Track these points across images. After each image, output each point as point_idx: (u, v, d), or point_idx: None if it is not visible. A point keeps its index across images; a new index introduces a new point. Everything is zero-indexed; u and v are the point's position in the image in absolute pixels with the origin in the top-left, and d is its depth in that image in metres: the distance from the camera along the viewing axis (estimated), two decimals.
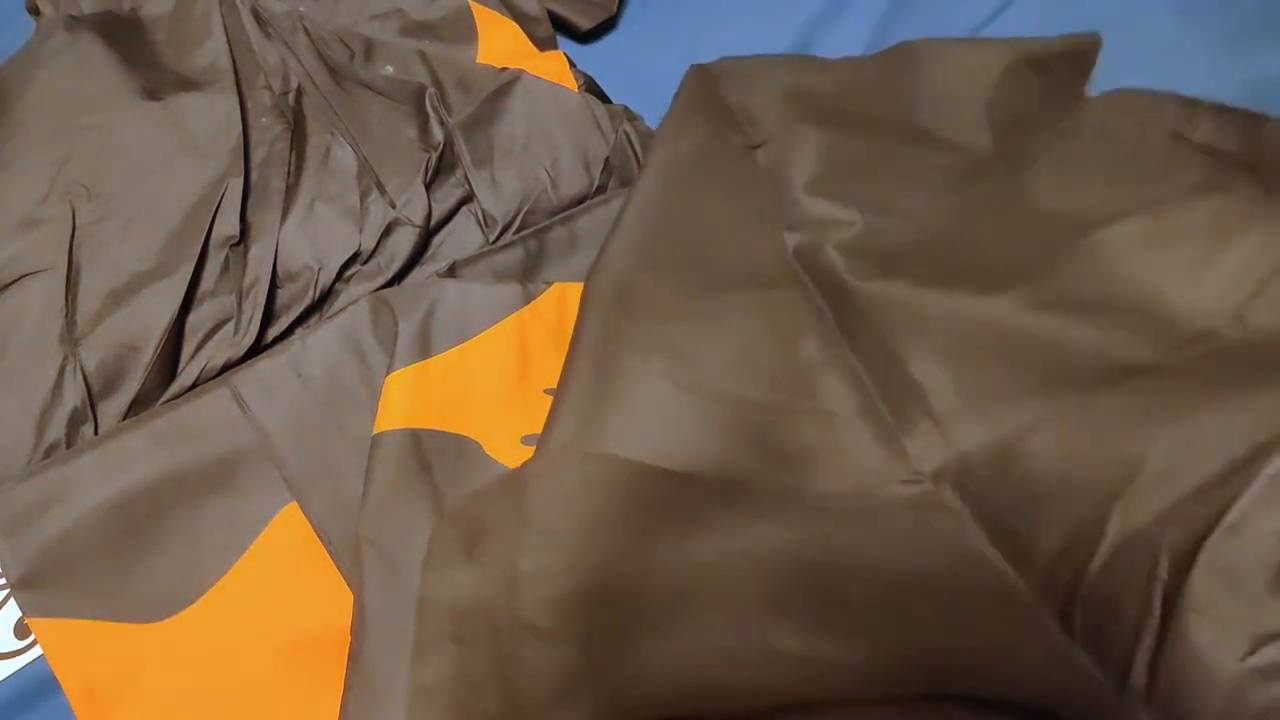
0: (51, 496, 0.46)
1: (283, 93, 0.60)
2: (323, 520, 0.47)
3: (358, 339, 0.51)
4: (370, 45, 0.64)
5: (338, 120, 0.60)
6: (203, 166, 0.56)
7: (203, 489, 0.47)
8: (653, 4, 0.71)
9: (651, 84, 0.66)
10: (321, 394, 0.50)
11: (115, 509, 0.46)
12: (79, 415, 0.49)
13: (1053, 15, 0.67)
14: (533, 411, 0.49)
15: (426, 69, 0.63)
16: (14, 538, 0.45)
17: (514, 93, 0.61)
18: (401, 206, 0.56)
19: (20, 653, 0.45)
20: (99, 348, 0.50)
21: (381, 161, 0.58)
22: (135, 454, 0.47)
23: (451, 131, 0.59)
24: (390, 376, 0.48)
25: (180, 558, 0.45)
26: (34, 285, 0.52)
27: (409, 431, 0.47)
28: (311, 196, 0.56)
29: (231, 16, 0.63)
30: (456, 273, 0.54)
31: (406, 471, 0.46)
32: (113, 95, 0.58)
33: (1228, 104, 0.47)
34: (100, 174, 0.55)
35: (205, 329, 0.52)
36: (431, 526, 0.44)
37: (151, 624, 0.44)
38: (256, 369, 0.50)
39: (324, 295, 0.54)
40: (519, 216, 0.57)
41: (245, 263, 0.53)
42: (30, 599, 0.44)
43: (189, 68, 0.61)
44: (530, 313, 0.52)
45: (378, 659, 0.41)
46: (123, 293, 0.52)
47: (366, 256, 0.55)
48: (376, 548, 0.44)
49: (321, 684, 0.42)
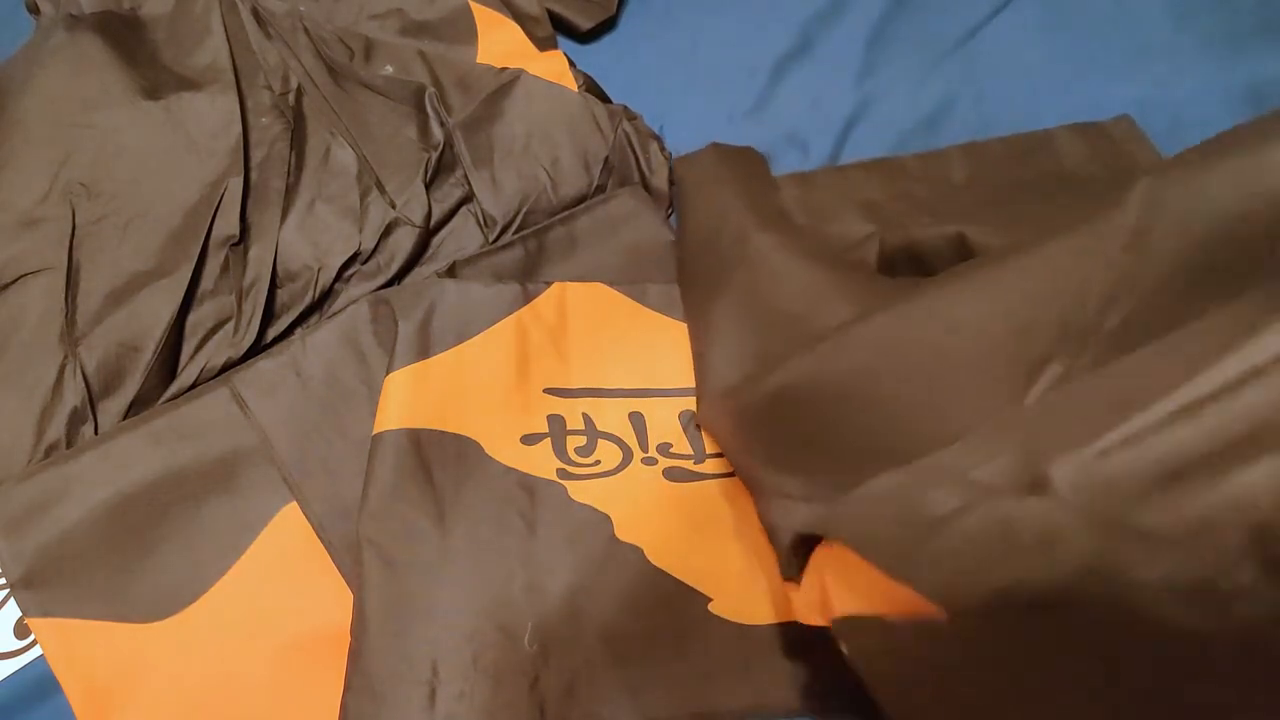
0: (51, 496, 0.46)
1: (283, 93, 0.60)
2: (323, 520, 0.47)
3: (357, 339, 0.51)
4: (370, 45, 0.64)
5: (338, 120, 0.60)
6: (202, 166, 0.56)
7: (203, 489, 0.47)
8: (653, 4, 0.71)
9: (651, 84, 0.66)
10: (321, 394, 0.50)
11: (115, 509, 0.46)
12: (79, 415, 0.49)
13: (1052, 15, 0.67)
14: (533, 411, 0.49)
15: (426, 69, 0.63)
16: (14, 538, 0.45)
17: (514, 93, 0.61)
18: (401, 206, 0.56)
19: (20, 653, 0.45)
20: (99, 348, 0.50)
21: (381, 161, 0.58)
22: (135, 454, 0.47)
23: (451, 131, 0.59)
24: (390, 376, 0.48)
25: (180, 558, 0.45)
26: (34, 285, 0.52)
27: (409, 431, 0.47)
28: (311, 196, 0.56)
29: (231, 16, 0.63)
30: (456, 273, 0.54)
31: (406, 471, 0.46)
32: (112, 95, 0.58)
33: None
34: (100, 174, 0.55)
35: (205, 329, 0.52)
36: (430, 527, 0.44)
37: (151, 624, 0.44)
38: (256, 369, 0.50)
39: (324, 295, 0.54)
40: (519, 216, 0.57)
41: (245, 263, 0.53)
42: (30, 599, 0.44)
43: (189, 67, 0.61)
44: (530, 313, 0.52)
45: (378, 659, 0.41)
46: (123, 293, 0.52)
47: (366, 256, 0.55)
48: (376, 548, 0.44)
49: (321, 684, 0.42)
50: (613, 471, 0.48)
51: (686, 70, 0.68)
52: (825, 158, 0.63)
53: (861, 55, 0.67)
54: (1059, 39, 0.66)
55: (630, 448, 0.49)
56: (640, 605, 0.44)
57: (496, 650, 0.42)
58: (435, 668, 0.41)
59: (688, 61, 0.68)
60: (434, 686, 0.41)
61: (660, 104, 0.65)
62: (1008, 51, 0.66)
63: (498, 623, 0.43)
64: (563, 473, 0.48)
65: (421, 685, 0.41)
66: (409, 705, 0.41)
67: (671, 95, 0.66)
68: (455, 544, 0.45)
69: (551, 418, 0.49)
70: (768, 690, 0.42)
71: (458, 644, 0.42)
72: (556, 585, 0.44)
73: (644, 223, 0.58)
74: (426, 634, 0.42)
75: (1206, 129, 0.61)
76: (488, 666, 0.42)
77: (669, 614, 0.44)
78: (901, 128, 0.63)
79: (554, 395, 0.50)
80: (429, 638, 0.42)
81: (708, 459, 0.49)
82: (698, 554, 0.45)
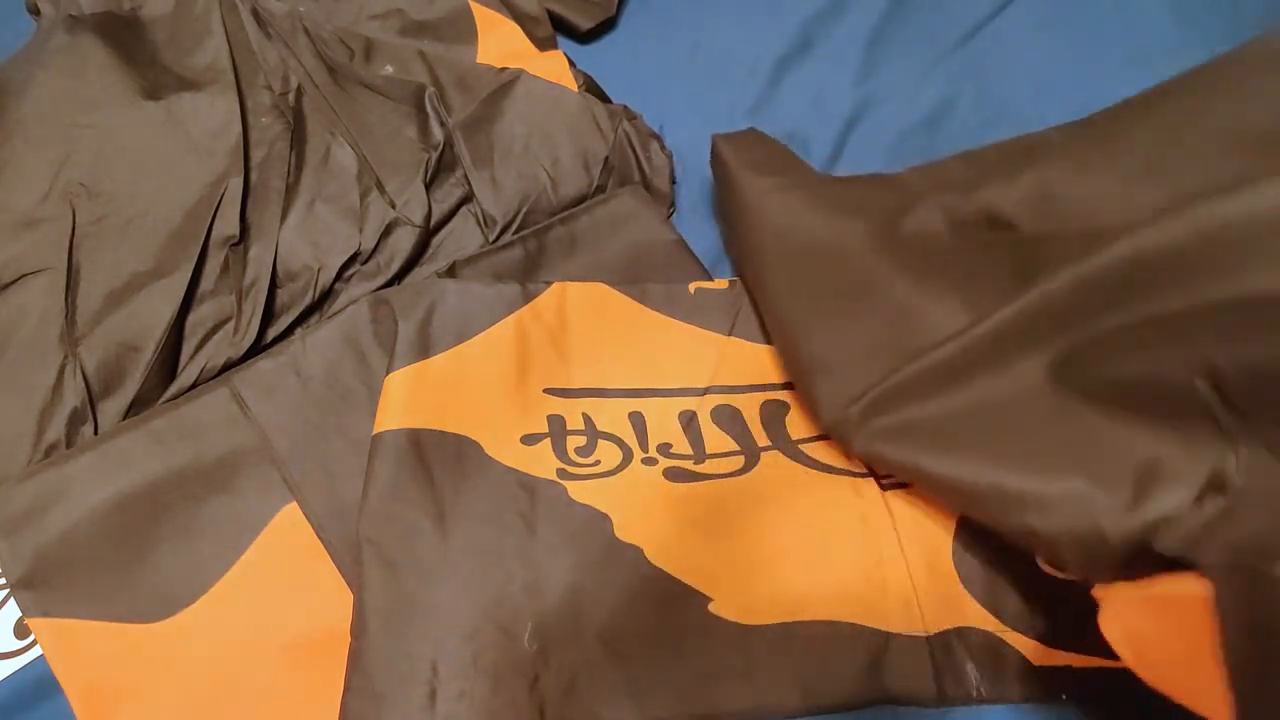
0: (51, 496, 0.46)
1: (283, 93, 0.60)
2: (323, 520, 0.47)
3: (357, 339, 0.51)
4: (370, 45, 0.64)
5: (338, 120, 0.60)
6: (202, 166, 0.56)
7: (203, 489, 0.47)
8: (653, 4, 0.71)
9: (651, 84, 0.66)
10: (321, 394, 0.50)
11: (115, 509, 0.46)
12: (79, 415, 0.48)
13: (1052, 15, 0.67)
14: (532, 411, 0.49)
15: (426, 69, 0.63)
16: (14, 538, 0.45)
17: (514, 93, 0.61)
18: (401, 206, 0.56)
19: (20, 653, 0.45)
20: (99, 348, 0.50)
21: (381, 161, 0.58)
22: (135, 454, 0.47)
23: (451, 131, 0.59)
24: (390, 376, 0.48)
25: (180, 558, 0.45)
26: (34, 285, 0.52)
27: (409, 431, 0.47)
28: (311, 196, 0.56)
29: (231, 16, 0.63)
30: (456, 273, 0.54)
31: (406, 471, 0.46)
32: (113, 95, 0.58)
33: None
34: (100, 174, 0.55)
35: (205, 329, 0.52)
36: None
37: (151, 624, 0.44)
38: (256, 369, 0.50)
39: (324, 295, 0.54)
40: (519, 216, 0.57)
41: (245, 263, 0.53)
42: (30, 599, 0.44)
43: (189, 67, 0.61)
44: (530, 313, 0.52)
45: (378, 659, 0.41)
46: (123, 293, 0.52)
47: (366, 256, 0.55)
48: (376, 548, 0.44)
49: (321, 684, 0.42)
50: (613, 471, 0.48)
51: (686, 70, 0.68)
52: (825, 157, 0.63)
53: (861, 55, 0.67)
54: (1059, 39, 0.66)
55: (630, 448, 0.49)
56: (640, 605, 0.44)
57: (496, 650, 0.42)
58: (435, 668, 0.41)
59: (688, 61, 0.68)
60: (434, 686, 0.41)
61: (660, 104, 0.65)
62: (1008, 51, 0.66)
63: (498, 623, 0.43)
64: (563, 473, 0.48)
65: (421, 685, 0.41)
66: (409, 705, 0.41)
67: (671, 95, 0.66)
68: (455, 544, 0.45)
69: (551, 418, 0.49)
70: (768, 690, 0.42)
71: (458, 644, 0.42)
72: (556, 585, 0.44)
73: (644, 223, 0.58)
74: (426, 634, 0.42)
75: None
76: (488, 666, 0.42)
77: (669, 614, 0.44)
78: (901, 128, 0.64)
79: (554, 395, 0.50)
80: (429, 638, 0.42)
81: (708, 459, 0.49)
82: (698, 554, 0.45)
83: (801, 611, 0.44)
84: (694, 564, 0.45)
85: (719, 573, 0.45)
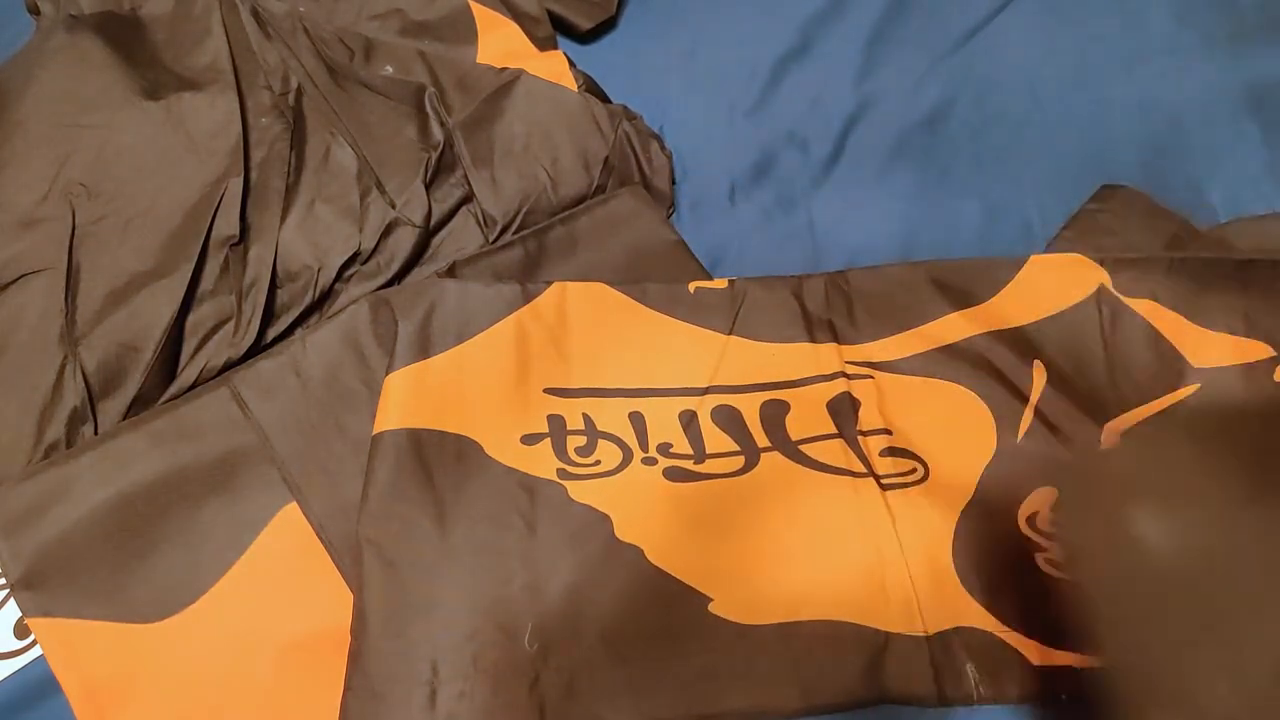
0: (51, 496, 0.46)
1: (283, 93, 0.60)
2: (323, 520, 0.47)
3: (357, 339, 0.51)
4: (370, 45, 0.64)
5: (338, 120, 0.60)
6: (203, 166, 0.56)
7: (203, 489, 0.47)
8: (653, 4, 0.71)
9: (651, 84, 0.66)
10: (321, 394, 0.50)
11: (115, 509, 0.46)
12: (79, 415, 0.49)
13: (1052, 15, 0.67)
14: (532, 411, 0.49)
15: (426, 69, 0.62)
16: (14, 538, 0.45)
17: (514, 93, 0.61)
18: (401, 206, 0.56)
19: (20, 653, 0.45)
20: (99, 348, 0.50)
21: (381, 161, 0.58)
22: (135, 454, 0.47)
23: (451, 131, 0.59)
24: (390, 376, 0.48)
25: (180, 558, 0.45)
26: (34, 285, 0.52)
27: (409, 431, 0.47)
28: (311, 196, 0.56)
29: (231, 16, 0.63)
30: (456, 273, 0.54)
31: (406, 471, 0.46)
32: (113, 95, 0.58)
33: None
34: (100, 174, 0.55)
35: (205, 329, 0.52)
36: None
37: (151, 624, 0.44)
38: (256, 369, 0.50)
39: (324, 295, 0.54)
40: (519, 216, 0.57)
41: (245, 263, 0.53)
42: (30, 599, 0.44)
43: (189, 67, 0.61)
44: (530, 313, 0.52)
45: (378, 659, 0.42)
46: (123, 293, 0.52)
47: (366, 256, 0.55)
48: (376, 548, 0.44)
49: (321, 684, 0.42)
50: (613, 471, 0.48)
51: (686, 70, 0.68)
52: (825, 157, 0.63)
53: (861, 55, 0.67)
54: (1059, 39, 0.66)
55: (630, 448, 0.49)
56: (640, 605, 0.44)
57: (496, 650, 0.42)
58: (435, 668, 0.42)
59: (688, 61, 0.68)
60: (434, 686, 0.41)
61: (660, 104, 0.65)
62: (1007, 51, 0.66)
63: (498, 622, 0.43)
64: (563, 473, 0.48)
65: (421, 685, 0.41)
66: (409, 705, 0.41)
67: (671, 95, 0.66)
68: (455, 544, 0.45)
69: (551, 418, 0.49)
70: (768, 690, 0.42)
71: (458, 644, 0.42)
72: (556, 585, 0.44)
73: (644, 223, 0.58)
74: (426, 634, 0.42)
75: (1207, 129, 0.62)
76: (488, 666, 0.42)
77: (669, 614, 0.44)
78: (902, 128, 0.64)
79: (554, 395, 0.50)
80: (429, 638, 0.42)
81: (708, 459, 0.49)
82: (698, 554, 0.45)
83: (801, 611, 0.44)
84: (694, 564, 0.45)
85: (719, 573, 0.45)
